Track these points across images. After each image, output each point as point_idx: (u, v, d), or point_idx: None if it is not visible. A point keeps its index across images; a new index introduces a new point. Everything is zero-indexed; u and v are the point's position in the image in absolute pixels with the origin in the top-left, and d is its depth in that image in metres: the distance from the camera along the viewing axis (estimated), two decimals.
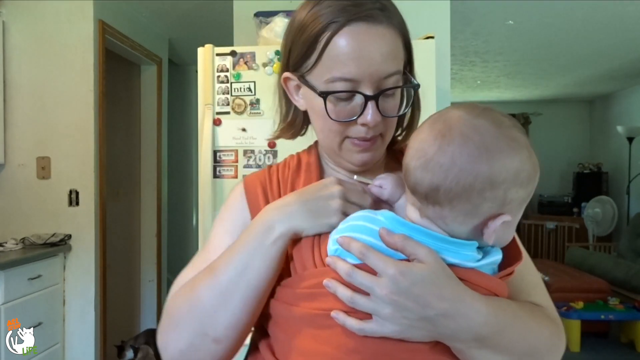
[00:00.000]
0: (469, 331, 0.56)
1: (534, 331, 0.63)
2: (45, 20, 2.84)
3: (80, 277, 2.82)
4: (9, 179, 2.83)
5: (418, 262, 0.56)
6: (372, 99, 0.67)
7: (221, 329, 0.64)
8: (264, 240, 0.64)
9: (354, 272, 0.57)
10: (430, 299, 0.55)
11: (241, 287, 0.64)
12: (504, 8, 3.36)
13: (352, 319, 0.57)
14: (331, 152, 0.75)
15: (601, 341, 3.96)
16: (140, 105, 3.77)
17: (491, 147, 0.56)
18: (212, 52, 1.88)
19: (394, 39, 0.68)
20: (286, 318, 0.64)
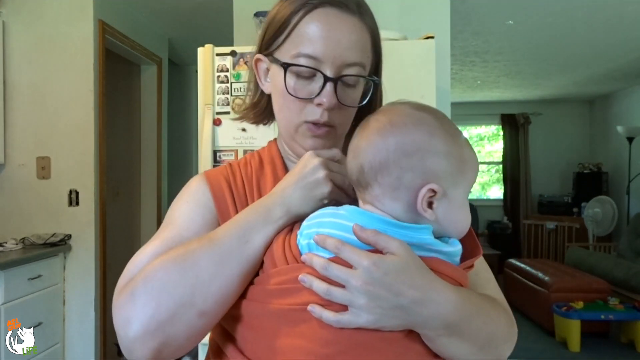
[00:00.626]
0: (440, 318, 0.58)
1: (494, 320, 0.66)
2: (45, 20, 2.84)
3: (80, 277, 2.82)
4: (9, 179, 2.83)
5: (390, 254, 0.58)
6: (331, 81, 0.69)
7: (211, 300, 0.63)
8: (265, 219, 0.67)
9: (330, 265, 0.59)
10: (403, 287, 0.57)
11: (241, 258, 0.64)
12: (504, 8, 3.36)
13: (328, 312, 0.58)
14: (287, 135, 0.76)
15: (601, 341, 3.96)
16: (140, 105, 3.77)
17: (397, 122, 0.63)
18: (212, 52, 1.88)
19: (363, 33, 0.72)
20: (258, 316, 0.63)
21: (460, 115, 6.85)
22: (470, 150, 0.66)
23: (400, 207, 0.62)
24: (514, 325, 0.71)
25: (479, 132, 7.63)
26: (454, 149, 0.63)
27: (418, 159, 0.61)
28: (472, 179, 0.66)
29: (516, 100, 6.97)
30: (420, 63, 1.87)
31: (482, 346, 0.64)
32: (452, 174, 0.63)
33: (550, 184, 7.04)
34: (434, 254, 0.62)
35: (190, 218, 0.73)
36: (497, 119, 7.15)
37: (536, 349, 3.83)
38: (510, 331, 0.69)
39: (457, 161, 0.63)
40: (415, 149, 0.61)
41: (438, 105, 1.92)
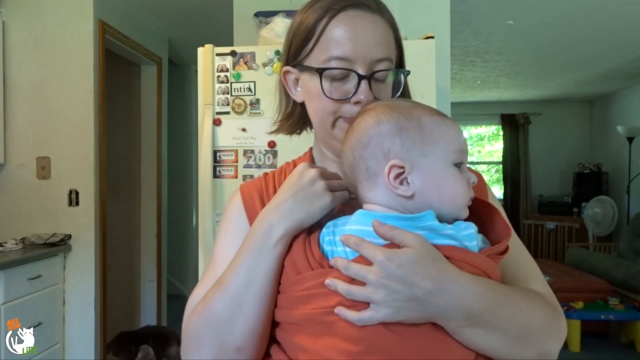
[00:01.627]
0: (458, 308, 0.58)
1: (527, 312, 0.64)
2: (45, 20, 2.84)
3: (80, 277, 2.82)
4: (9, 179, 2.83)
5: (405, 247, 0.60)
6: (366, 78, 0.72)
7: (240, 337, 0.66)
8: (266, 243, 0.67)
9: (350, 264, 0.61)
10: (416, 278, 0.58)
11: (252, 292, 0.66)
12: (504, 8, 3.36)
13: (351, 311, 0.60)
14: (325, 134, 0.78)
15: (601, 341, 3.96)
16: (140, 105, 3.77)
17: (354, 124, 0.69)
18: (212, 52, 1.88)
19: (386, 29, 0.75)
20: (288, 322, 0.66)
21: (460, 115, 6.85)
22: (434, 118, 0.67)
23: (384, 194, 0.66)
24: (559, 319, 0.69)
25: (479, 132, 7.63)
26: (406, 123, 0.66)
27: (374, 145, 0.66)
28: (447, 144, 0.66)
29: (516, 100, 6.97)
30: (420, 63, 1.87)
31: (516, 339, 0.63)
32: (415, 146, 0.65)
33: (550, 184, 7.04)
34: (446, 239, 0.63)
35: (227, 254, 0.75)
36: (497, 119, 7.15)
37: None
38: (554, 325, 0.68)
39: (416, 132, 0.65)
40: (368, 139, 0.66)
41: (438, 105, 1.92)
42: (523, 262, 0.76)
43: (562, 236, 5.98)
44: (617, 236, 5.81)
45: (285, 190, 0.70)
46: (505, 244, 0.66)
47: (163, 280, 3.87)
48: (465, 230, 0.64)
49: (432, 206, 0.64)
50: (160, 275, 3.80)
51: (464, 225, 0.64)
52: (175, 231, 4.42)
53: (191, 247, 4.68)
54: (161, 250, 3.82)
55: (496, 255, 0.66)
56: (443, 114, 0.69)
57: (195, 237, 4.43)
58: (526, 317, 0.64)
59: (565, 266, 4.88)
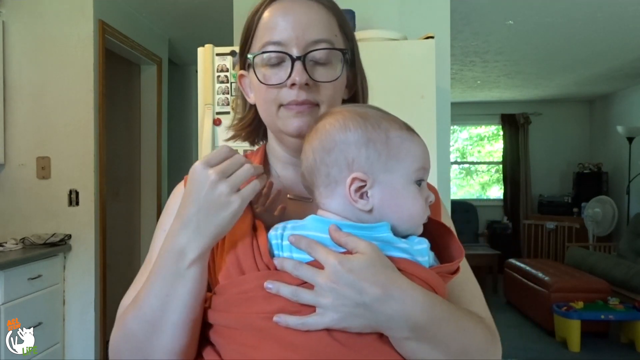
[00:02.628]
0: (404, 318, 0.57)
1: (469, 331, 0.64)
2: (45, 20, 2.84)
3: (80, 277, 2.82)
4: (9, 179, 2.83)
5: (358, 253, 0.59)
6: (298, 59, 0.69)
7: (159, 355, 0.63)
8: (179, 267, 0.62)
9: (299, 265, 0.60)
10: (365, 284, 0.57)
11: (168, 314, 0.63)
12: (504, 8, 3.36)
13: (293, 317, 0.58)
14: (272, 127, 0.75)
15: (601, 341, 3.96)
16: (140, 105, 3.77)
17: (319, 126, 0.66)
18: (212, 52, 1.88)
19: (322, 12, 0.72)
20: (224, 326, 0.63)
21: (460, 115, 6.85)
22: (402, 133, 0.65)
23: (341, 203, 0.64)
24: (496, 343, 0.68)
25: (479, 132, 7.63)
26: (374, 134, 0.63)
27: (338, 152, 0.63)
28: (412, 162, 0.64)
29: (516, 100, 6.97)
30: (420, 63, 1.87)
31: (456, 358, 0.62)
32: (380, 160, 0.63)
33: (550, 184, 7.04)
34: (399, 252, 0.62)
35: None
36: (497, 119, 7.15)
37: (536, 349, 3.83)
38: (491, 349, 0.67)
39: (382, 146, 0.63)
40: (333, 145, 0.64)
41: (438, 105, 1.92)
42: (468, 284, 0.75)
43: (562, 236, 5.97)
44: (617, 236, 5.81)
45: (189, 203, 0.63)
46: (457, 264, 0.66)
47: None
48: (419, 245, 0.63)
49: (388, 222, 0.63)
50: None
51: (417, 240, 0.64)
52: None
53: None
54: None
55: (446, 274, 0.65)
56: (410, 128, 0.67)
57: None
58: (468, 337, 0.63)
59: (565, 266, 4.88)
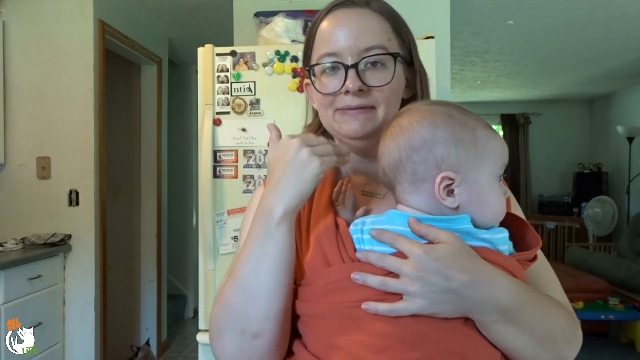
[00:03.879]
0: (492, 302, 0.60)
1: (553, 315, 0.66)
2: (45, 20, 2.84)
3: (80, 277, 2.82)
4: (9, 179, 2.83)
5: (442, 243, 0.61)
6: (351, 67, 0.73)
7: (255, 322, 0.66)
8: (268, 226, 0.66)
9: (385, 257, 0.62)
10: (452, 272, 0.59)
11: (260, 277, 0.66)
12: (504, 8, 3.36)
13: (382, 304, 0.60)
14: (331, 130, 0.80)
15: (601, 341, 3.96)
16: (140, 105, 3.77)
17: (405, 123, 0.67)
18: (212, 52, 1.88)
19: (373, 19, 0.76)
20: (311, 315, 0.66)
21: None
22: (487, 131, 0.67)
23: (425, 200, 0.65)
24: (578, 327, 0.70)
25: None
26: (463, 134, 0.65)
27: (427, 151, 0.64)
28: (496, 159, 0.66)
29: (516, 100, 6.97)
30: None
31: (541, 341, 0.64)
32: (468, 158, 0.64)
33: (550, 184, 7.04)
34: (480, 242, 0.64)
35: None
36: (497, 119, 7.15)
37: None
38: (573, 332, 0.69)
39: (470, 145, 0.65)
40: (422, 143, 0.65)
41: None
42: (545, 272, 0.77)
43: (562, 236, 5.98)
44: (617, 236, 5.81)
45: (275, 168, 0.68)
46: (535, 252, 0.68)
47: (163, 280, 3.87)
48: (499, 234, 0.65)
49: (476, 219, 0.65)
50: (160, 275, 3.80)
51: (498, 230, 0.66)
52: (175, 231, 4.42)
53: (191, 247, 4.68)
54: (161, 250, 3.82)
55: (525, 262, 0.67)
56: (491, 126, 0.69)
57: (195, 237, 4.42)
58: (551, 320, 0.65)
59: (565, 266, 4.88)
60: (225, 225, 1.86)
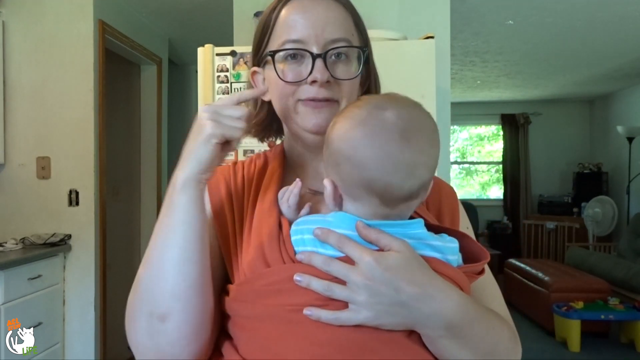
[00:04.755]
0: (440, 316, 0.58)
1: (497, 330, 0.65)
2: (45, 20, 2.84)
3: (80, 277, 2.82)
4: (9, 179, 2.83)
5: (393, 251, 0.59)
6: (319, 57, 0.70)
7: (161, 301, 0.61)
8: (172, 196, 0.64)
9: (332, 261, 0.59)
10: (403, 283, 0.57)
11: (168, 250, 0.62)
12: (504, 8, 3.36)
13: (326, 311, 0.58)
14: (290, 123, 0.75)
15: (601, 341, 3.96)
16: (140, 105, 3.77)
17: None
18: (212, 52, 1.88)
19: (340, 11, 0.73)
20: (248, 317, 0.62)
21: (460, 115, 6.85)
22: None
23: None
24: (518, 343, 0.69)
25: (479, 132, 7.63)
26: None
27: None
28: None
29: (516, 100, 6.97)
30: (420, 63, 1.87)
31: (484, 356, 0.63)
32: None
33: (550, 184, 7.04)
34: (431, 250, 0.62)
35: None
36: (497, 119, 7.15)
37: (536, 349, 3.82)
38: (515, 348, 0.68)
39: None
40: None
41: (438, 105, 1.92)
42: (489, 285, 0.76)
43: (562, 236, 5.98)
44: (617, 236, 5.81)
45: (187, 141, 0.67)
46: (482, 265, 0.67)
47: None
48: (450, 243, 0.64)
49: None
50: None
51: (449, 239, 0.65)
52: None
53: None
54: None
55: (472, 274, 0.66)
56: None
57: None
58: (496, 336, 0.64)
59: (565, 266, 4.88)
60: None
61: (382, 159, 0.59)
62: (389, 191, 0.60)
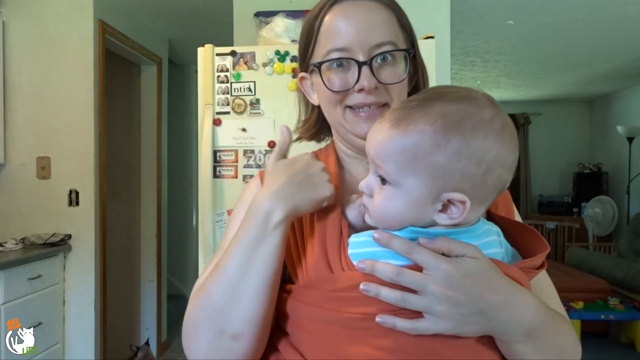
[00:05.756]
0: (521, 323, 0.57)
1: (564, 334, 0.63)
2: (45, 20, 2.84)
3: (80, 277, 2.82)
4: (9, 179, 2.83)
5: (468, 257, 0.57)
6: (365, 64, 0.70)
7: (237, 323, 0.62)
8: (265, 226, 0.63)
9: (403, 271, 0.56)
10: (483, 291, 0.55)
11: (250, 277, 0.63)
12: (504, 8, 3.36)
13: (402, 320, 0.56)
14: (339, 128, 0.76)
15: (601, 341, 3.96)
16: (140, 105, 3.77)
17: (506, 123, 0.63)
18: (212, 52, 1.88)
19: (382, 12, 0.72)
20: (312, 320, 0.62)
21: None
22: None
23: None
24: (579, 344, 0.67)
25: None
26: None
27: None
28: None
29: (516, 100, 6.97)
30: None
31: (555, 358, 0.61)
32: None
33: (550, 184, 7.04)
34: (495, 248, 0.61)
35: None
36: None
37: None
38: (578, 349, 0.66)
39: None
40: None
41: None
42: (546, 283, 0.74)
43: (562, 236, 5.98)
44: (617, 236, 5.81)
45: (281, 174, 0.66)
46: (542, 258, 0.64)
47: (163, 280, 3.87)
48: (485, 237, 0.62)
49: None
50: (160, 275, 3.80)
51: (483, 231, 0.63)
52: (175, 231, 4.42)
53: (191, 247, 4.68)
54: (161, 250, 3.82)
55: (530, 270, 0.63)
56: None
57: (195, 237, 4.42)
58: (564, 339, 0.63)
59: (565, 266, 4.88)
60: (225, 225, 1.86)
61: (515, 157, 0.59)
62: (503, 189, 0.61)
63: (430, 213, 0.58)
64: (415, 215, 0.59)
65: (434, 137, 0.56)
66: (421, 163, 0.56)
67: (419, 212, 0.58)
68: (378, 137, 0.60)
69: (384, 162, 0.59)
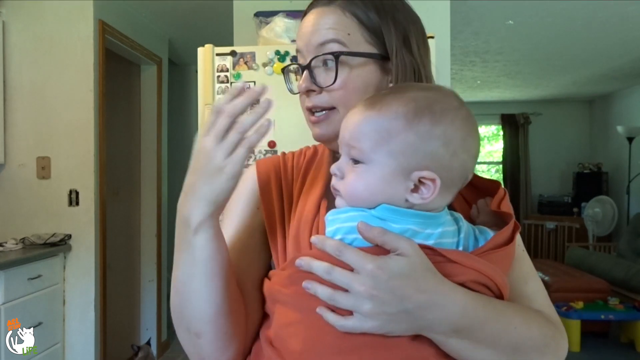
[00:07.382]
0: (446, 322, 0.57)
1: (520, 329, 0.63)
2: (45, 20, 2.84)
3: (80, 277, 2.82)
4: (9, 179, 2.83)
5: (398, 255, 0.57)
6: (305, 67, 0.72)
7: (195, 323, 0.66)
8: (187, 235, 0.63)
9: (333, 269, 0.58)
10: (409, 291, 0.56)
11: (191, 284, 0.64)
12: (504, 8, 3.36)
13: (333, 315, 0.57)
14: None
15: (601, 341, 3.96)
16: (140, 105, 3.77)
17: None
18: (212, 52, 1.88)
19: (330, 15, 0.72)
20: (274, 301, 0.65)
21: None
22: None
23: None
24: (557, 337, 0.67)
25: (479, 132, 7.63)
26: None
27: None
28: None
29: (516, 100, 6.97)
30: None
31: (507, 354, 0.62)
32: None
33: (550, 184, 7.04)
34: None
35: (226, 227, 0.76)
36: (497, 119, 7.15)
37: None
38: (551, 343, 0.66)
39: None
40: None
41: None
42: (531, 278, 0.75)
43: (562, 236, 5.98)
44: (617, 236, 5.81)
45: (190, 174, 0.63)
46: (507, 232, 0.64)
47: (163, 280, 3.87)
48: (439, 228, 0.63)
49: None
50: (160, 275, 3.80)
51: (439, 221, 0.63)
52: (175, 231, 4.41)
53: None
54: (161, 250, 3.82)
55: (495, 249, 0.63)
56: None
57: None
58: (519, 333, 0.62)
59: (565, 266, 4.88)
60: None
61: (478, 149, 0.65)
62: (467, 179, 0.65)
63: (402, 192, 0.60)
64: (387, 192, 0.61)
65: (406, 117, 0.60)
66: (394, 140, 0.60)
67: (391, 190, 0.60)
68: (353, 119, 0.63)
69: (359, 141, 0.61)
